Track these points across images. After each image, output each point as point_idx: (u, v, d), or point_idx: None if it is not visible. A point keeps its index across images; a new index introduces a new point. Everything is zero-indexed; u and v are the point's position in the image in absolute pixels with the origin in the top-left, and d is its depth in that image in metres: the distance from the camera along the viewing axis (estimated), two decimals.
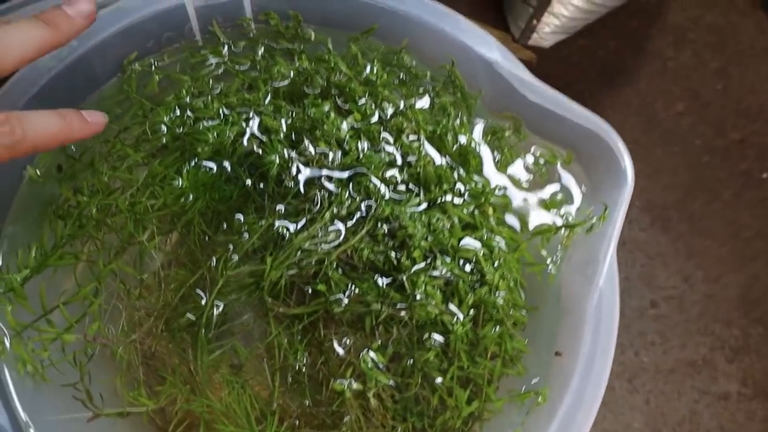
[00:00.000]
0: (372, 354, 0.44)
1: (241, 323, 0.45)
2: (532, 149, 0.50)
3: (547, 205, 0.49)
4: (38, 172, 0.48)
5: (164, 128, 0.50)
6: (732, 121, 0.96)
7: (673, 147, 0.95)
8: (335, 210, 0.46)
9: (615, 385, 0.85)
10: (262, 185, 0.49)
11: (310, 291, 0.45)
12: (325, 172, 0.48)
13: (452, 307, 0.45)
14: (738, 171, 0.96)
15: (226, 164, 0.49)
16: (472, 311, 0.45)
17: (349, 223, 0.46)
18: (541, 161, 0.50)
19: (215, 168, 0.49)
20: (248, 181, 0.48)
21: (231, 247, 0.47)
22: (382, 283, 0.45)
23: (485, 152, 0.49)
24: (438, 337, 0.45)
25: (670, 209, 0.93)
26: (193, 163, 0.49)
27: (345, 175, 0.47)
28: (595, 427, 0.84)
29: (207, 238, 0.48)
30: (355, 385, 0.43)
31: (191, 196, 0.48)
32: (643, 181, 0.93)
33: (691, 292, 0.90)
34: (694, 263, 0.91)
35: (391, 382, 0.44)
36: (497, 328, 0.46)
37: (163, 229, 0.48)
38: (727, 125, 0.96)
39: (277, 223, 0.47)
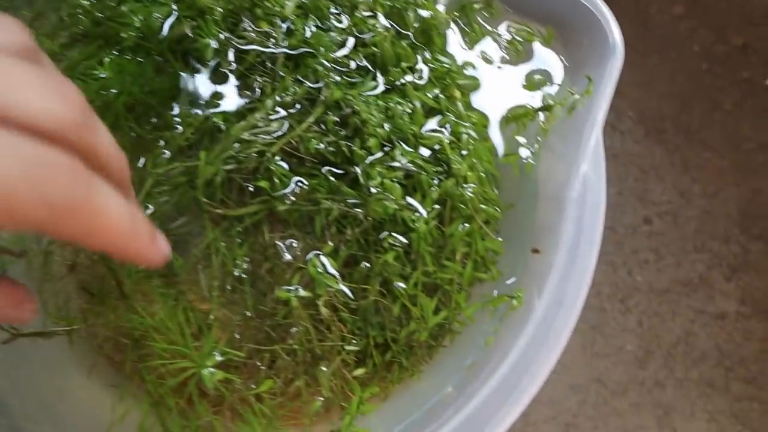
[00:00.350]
0: (323, 258, 0.38)
1: (175, 229, 0.40)
2: (506, 26, 0.44)
3: (523, 86, 0.42)
4: None
5: (83, 13, 0.43)
6: (734, 25, 0.89)
7: (669, 53, 0.88)
8: (278, 98, 0.40)
9: (606, 306, 0.81)
10: (196, 74, 0.42)
11: (251, 189, 0.40)
12: (268, 53, 0.41)
13: (414, 202, 0.39)
14: (740, 79, 0.89)
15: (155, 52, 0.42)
16: (436, 207, 0.40)
17: (295, 111, 0.40)
18: (518, 39, 0.43)
19: (143, 57, 0.43)
20: (181, 71, 0.42)
21: (162, 143, 0.41)
22: (334, 177, 0.39)
23: (452, 29, 0.43)
24: (399, 238, 0.39)
25: (666, 120, 0.87)
26: (117, 52, 0.43)
27: (290, 54, 0.41)
28: (585, 350, 0.80)
29: (136, 136, 0.42)
30: (302, 293, 0.38)
31: (116, 90, 0.42)
32: (637, 90, 0.87)
33: (688, 208, 0.85)
34: (690, 177, 0.85)
35: (346, 290, 0.39)
36: (466, 225, 0.40)
37: None
38: (729, 30, 0.89)
39: (213, 115, 0.40)
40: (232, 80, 0.42)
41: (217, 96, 0.41)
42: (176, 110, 0.41)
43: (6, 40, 0.23)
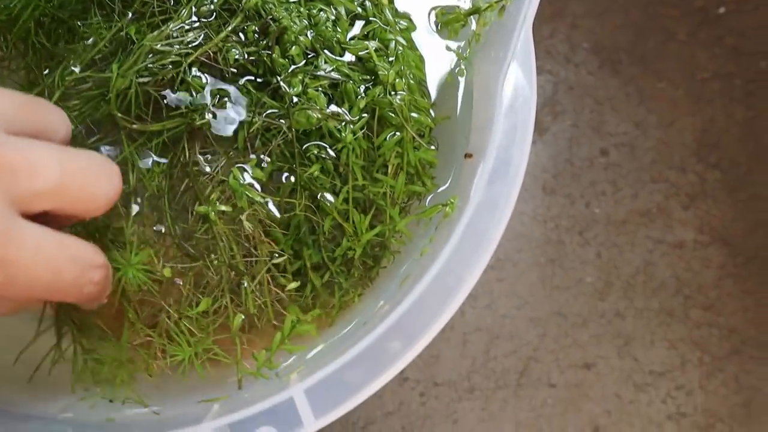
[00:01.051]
0: (247, 169, 0.37)
1: (90, 144, 0.38)
2: None
3: None
4: None
5: None
6: None
7: None
8: (194, 7, 0.38)
9: (565, 239, 0.81)
10: None
11: (168, 103, 0.38)
12: None
13: (339, 110, 0.38)
14: (693, 8, 0.88)
15: None
16: (364, 116, 0.38)
17: (213, 21, 0.38)
18: None
19: None
20: None
21: (72, 57, 0.38)
22: (254, 89, 0.38)
23: None
24: (326, 149, 0.38)
25: (620, 51, 0.86)
26: None
27: None
28: (544, 284, 0.80)
29: (46, 51, 0.39)
30: (223, 207, 0.36)
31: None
32: (590, 21, 0.86)
33: (644, 138, 0.84)
34: (646, 107, 0.85)
35: (270, 202, 0.37)
36: (396, 134, 0.39)
37: None
38: None
39: (125, 25, 0.38)
40: None
41: (129, 6, 0.39)
42: (86, 23, 0.39)
43: (62, 134, 0.29)
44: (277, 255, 0.37)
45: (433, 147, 0.40)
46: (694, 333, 0.81)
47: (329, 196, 0.37)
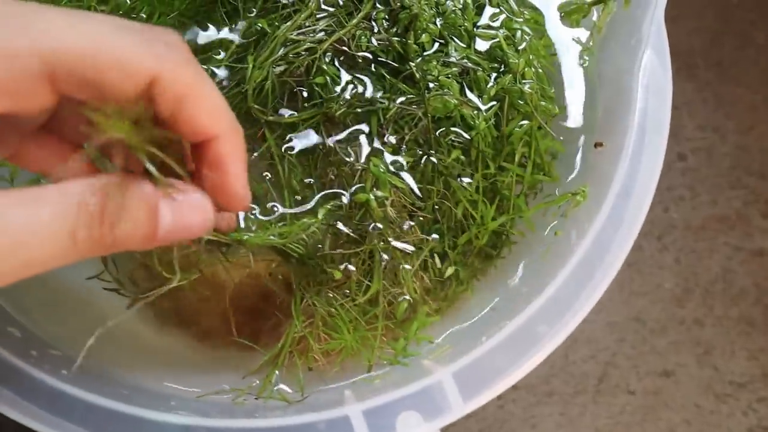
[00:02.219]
0: (388, 156, 0.37)
1: None
2: None
3: None
4: None
5: None
6: None
7: None
8: None
9: (643, 243, 0.79)
10: None
11: (305, 94, 0.38)
12: None
13: (473, 97, 0.38)
14: None
15: None
16: (494, 104, 0.38)
17: (342, 9, 0.39)
18: None
19: None
20: None
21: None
22: (388, 75, 0.38)
23: None
24: (462, 134, 0.38)
25: (696, 55, 0.85)
26: None
27: None
28: (622, 288, 0.78)
29: None
30: (379, 193, 0.36)
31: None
32: (665, 25, 0.85)
33: (722, 144, 0.83)
34: (723, 113, 0.84)
35: (413, 186, 0.37)
36: (525, 122, 0.38)
37: None
38: None
39: (257, 21, 0.39)
40: None
41: (253, 3, 0.39)
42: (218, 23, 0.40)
43: None
44: (425, 238, 0.37)
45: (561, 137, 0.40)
46: None
47: (467, 180, 0.37)
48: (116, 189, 0.22)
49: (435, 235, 0.37)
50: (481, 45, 0.39)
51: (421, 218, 0.37)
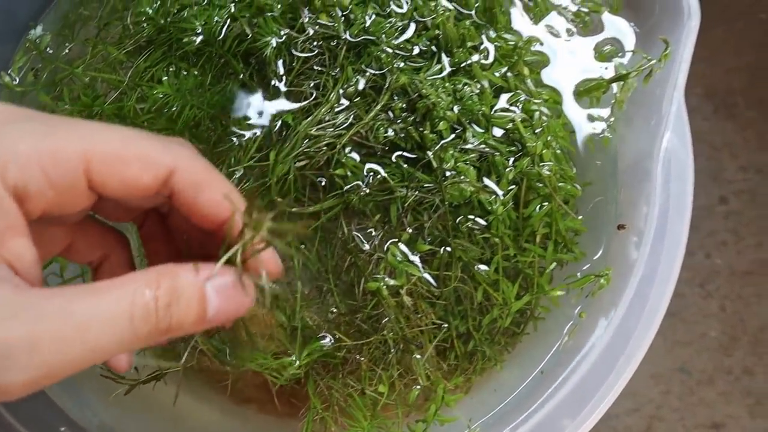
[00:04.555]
0: (402, 246, 0.37)
1: None
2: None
3: (594, 58, 0.41)
4: (14, 78, 0.43)
5: (147, 20, 0.44)
6: None
7: (734, 24, 0.84)
8: (342, 90, 0.40)
9: (685, 291, 0.77)
10: (257, 76, 0.42)
11: (324, 183, 0.39)
12: (329, 46, 0.41)
13: (490, 183, 0.38)
14: None
15: (215, 54, 0.42)
16: (513, 188, 0.38)
17: (360, 102, 0.40)
18: (584, 10, 0.42)
19: (202, 64, 0.43)
20: (242, 72, 0.42)
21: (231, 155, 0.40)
22: (406, 164, 0.39)
23: (515, 6, 0.42)
24: (478, 220, 0.38)
25: (735, 94, 0.83)
26: (179, 56, 0.43)
27: (351, 45, 0.40)
28: (666, 338, 0.76)
29: (206, 152, 0.42)
30: (391, 281, 0.37)
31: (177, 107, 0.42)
32: (702, 65, 0.83)
33: (765, 184, 0.81)
34: (767, 152, 0.81)
35: (428, 277, 0.38)
36: (544, 205, 0.38)
37: None
38: None
39: (279, 115, 0.40)
40: (293, 77, 0.41)
41: (279, 95, 0.41)
42: (239, 117, 0.41)
43: None
44: (442, 327, 0.38)
45: (580, 217, 0.40)
46: None
47: (484, 267, 0.37)
48: (168, 278, 0.24)
49: (444, 324, 0.38)
50: (499, 129, 0.39)
51: (438, 305, 0.38)
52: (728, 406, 0.74)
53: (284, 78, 0.41)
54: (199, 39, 0.43)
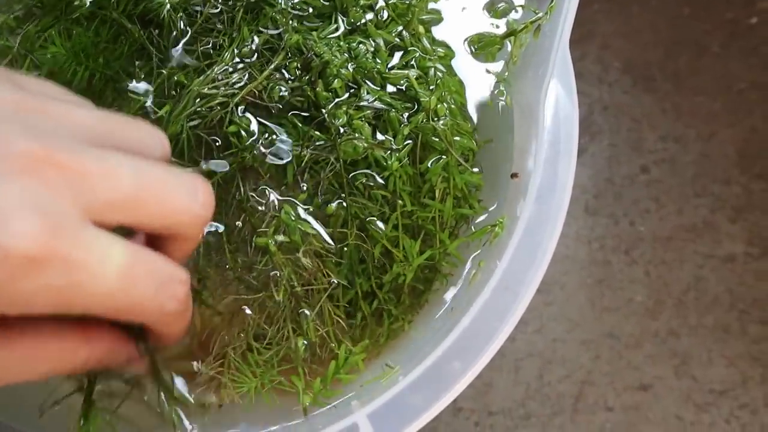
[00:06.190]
0: (297, 202, 0.37)
1: None
2: None
3: (487, 15, 0.41)
4: None
5: None
6: None
7: (649, 1, 0.87)
8: (237, 49, 0.39)
9: (611, 258, 0.79)
10: (153, 37, 0.42)
11: (218, 143, 0.39)
12: (225, 8, 0.41)
13: (384, 137, 0.38)
14: (724, 20, 0.88)
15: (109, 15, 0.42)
16: (408, 143, 0.39)
17: (256, 61, 0.40)
18: None
19: (96, 27, 0.42)
20: (137, 34, 0.41)
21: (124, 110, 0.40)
22: (301, 123, 0.39)
23: None
24: (374, 176, 0.38)
25: (653, 68, 0.85)
26: (73, 20, 0.42)
27: (248, 7, 0.40)
28: (594, 305, 0.78)
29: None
30: (281, 238, 0.37)
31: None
32: (620, 40, 0.86)
33: (684, 153, 0.83)
34: (684, 122, 0.84)
35: (323, 233, 0.38)
36: (440, 159, 0.39)
37: None
38: None
39: (172, 73, 0.40)
40: (190, 39, 0.41)
41: (176, 56, 0.40)
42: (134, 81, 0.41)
43: (157, 154, 0.28)
44: (334, 284, 0.38)
45: (477, 170, 0.41)
46: (753, 348, 0.78)
47: (380, 224, 0.38)
48: None
49: (344, 283, 0.38)
50: (394, 86, 0.40)
51: (341, 264, 0.38)
52: (655, 368, 0.76)
53: (180, 39, 0.41)
54: (89, 1, 0.42)
